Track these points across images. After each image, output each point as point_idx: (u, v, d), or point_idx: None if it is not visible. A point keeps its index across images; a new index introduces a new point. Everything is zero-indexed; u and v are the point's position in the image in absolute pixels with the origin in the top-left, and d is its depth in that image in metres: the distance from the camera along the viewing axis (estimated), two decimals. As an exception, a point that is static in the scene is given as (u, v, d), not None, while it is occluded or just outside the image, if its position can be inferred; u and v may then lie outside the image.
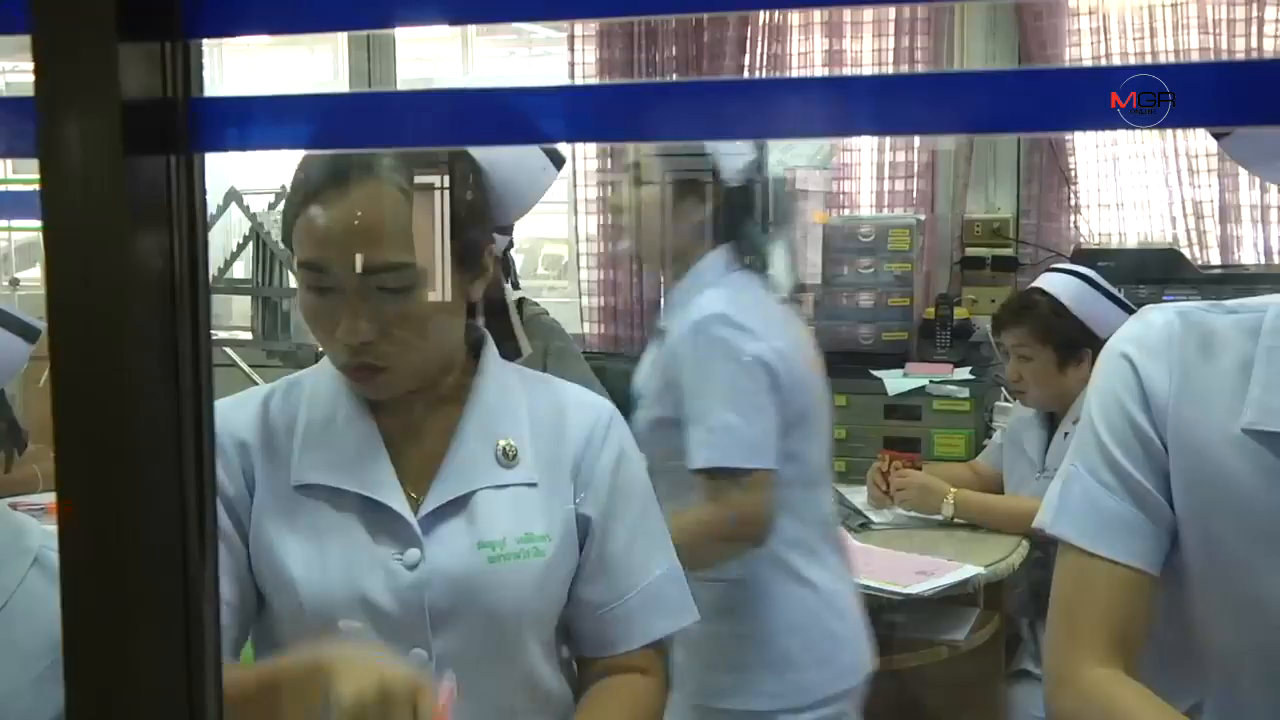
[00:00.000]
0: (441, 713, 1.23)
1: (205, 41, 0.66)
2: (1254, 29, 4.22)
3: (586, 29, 4.86)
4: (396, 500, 1.46)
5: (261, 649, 1.57)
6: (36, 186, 0.63)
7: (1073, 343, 3.10)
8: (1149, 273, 4.02)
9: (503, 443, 1.51)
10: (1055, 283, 3.21)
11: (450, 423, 1.51)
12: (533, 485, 1.50)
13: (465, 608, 1.45)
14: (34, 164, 0.63)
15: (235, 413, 1.53)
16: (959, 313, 4.42)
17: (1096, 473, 1.32)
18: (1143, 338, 1.33)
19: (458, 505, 1.47)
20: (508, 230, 1.64)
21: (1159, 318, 1.34)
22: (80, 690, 0.67)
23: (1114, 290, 3.18)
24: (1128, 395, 1.31)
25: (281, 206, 4.59)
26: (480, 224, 1.51)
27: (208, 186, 0.68)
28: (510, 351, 1.64)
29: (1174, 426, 1.28)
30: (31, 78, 0.63)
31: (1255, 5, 4.19)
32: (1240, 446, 1.24)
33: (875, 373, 4.20)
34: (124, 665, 0.67)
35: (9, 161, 5.03)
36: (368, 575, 1.45)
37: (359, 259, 1.38)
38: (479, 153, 1.47)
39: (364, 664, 1.25)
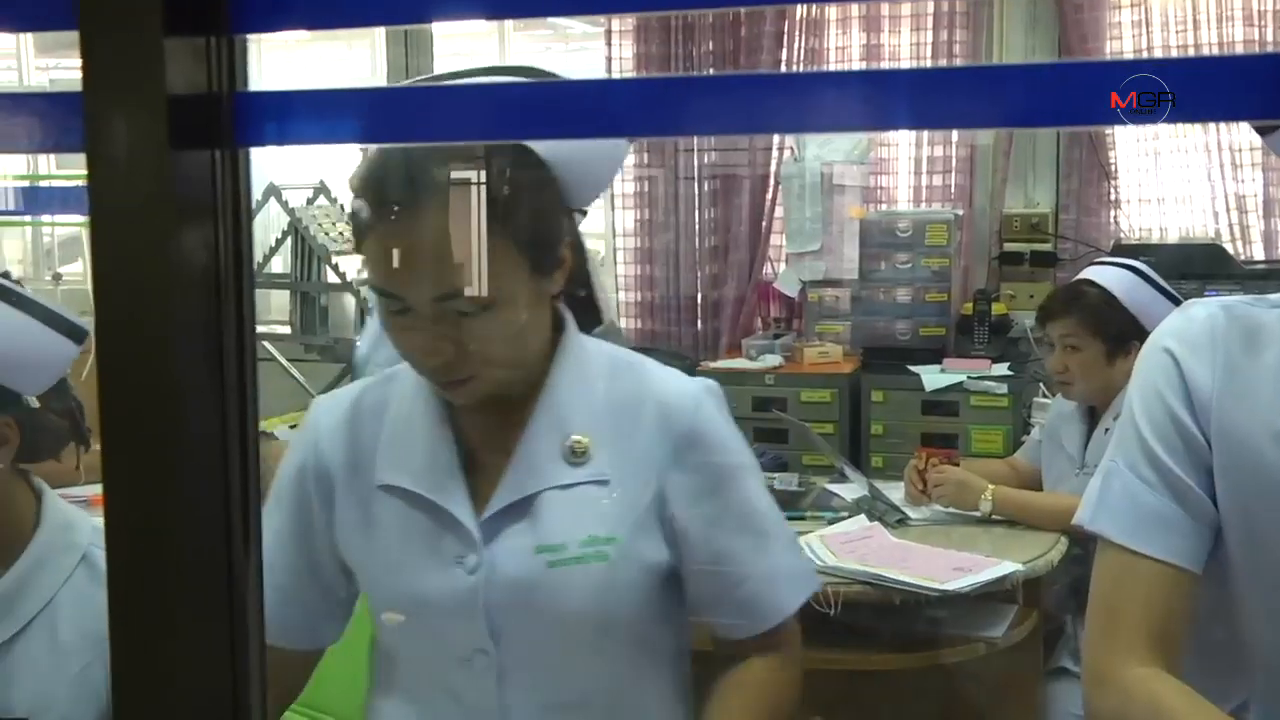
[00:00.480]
0: None
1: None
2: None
3: (623, 24, 4.86)
4: (460, 505, 1.45)
5: (371, 646, 1.61)
6: (79, 182, 0.63)
7: (1122, 334, 3.06)
8: (1191, 268, 3.98)
9: (572, 440, 1.46)
10: (1105, 275, 3.18)
11: (523, 420, 1.47)
12: (603, 483, 1.46)
13: (524, 612, 1.44)
14: (77, 160, 0.63)
15: (328, 415, 1.55)
16: (997, 308, 4.40)
17: (1137, 468, 1.30)
18: (1185, 332, 1.31)
19: (520, 508, 1.44)
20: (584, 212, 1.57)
21: (1202, 312, 1.32)
22: (126, 686, 0.68)
23: (1164, 283, 3.15)
24: (1170, 390, 1.29)
25: (320, 202, 4.62)
26: (553, 222, 1.46)
27: (248, 181, 0.68)
28: (590, 321, 1.59)
29: (1217, 422, 1.26)
30: (75, 74, 0.63)
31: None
32: None
33: (912, 368, 4.19)
34: (168, 662, 0.67)
35: (53, 157, 5.08)
36: (430, 577, 1.45)
37: (427, 286, 1.35)
38: (546, 151, 1.41)
39: None
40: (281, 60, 5.62)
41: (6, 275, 2.81)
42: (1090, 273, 3.24)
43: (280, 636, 1.51)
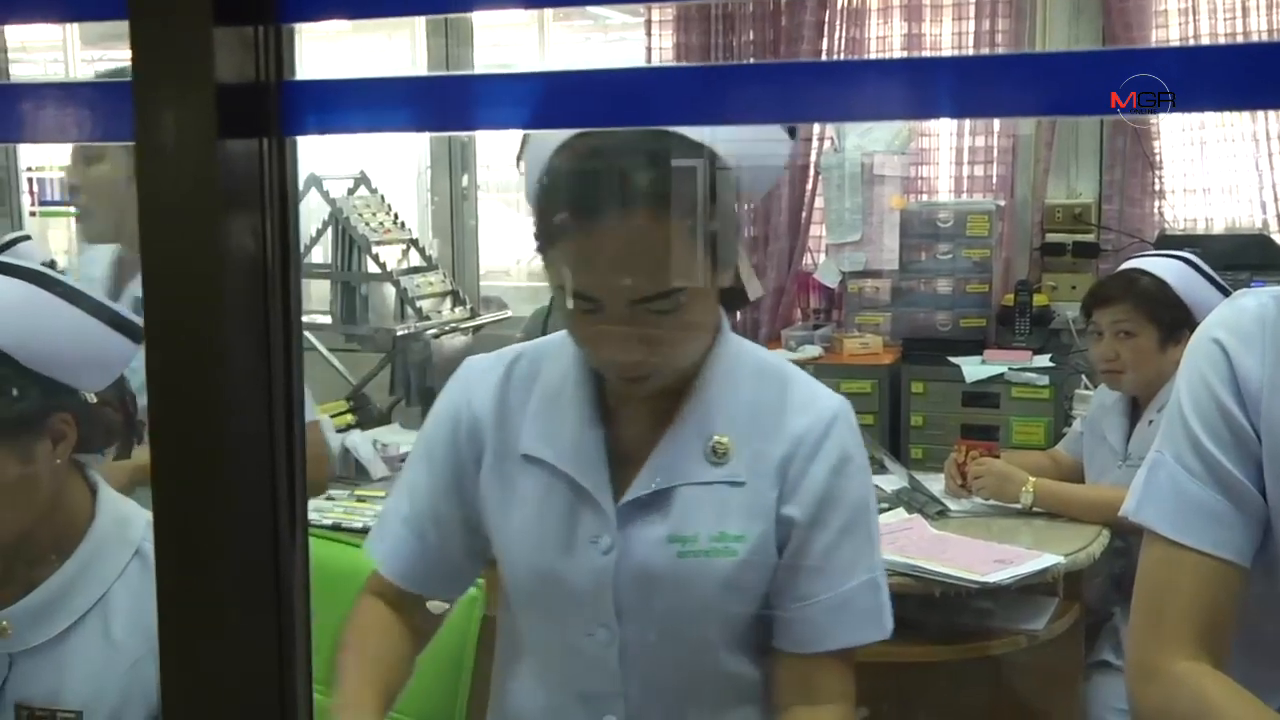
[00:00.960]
0: None
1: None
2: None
3: (663, 14, 4.84)
4: (600, 488, 1.50)
5: (501, 608, 1.66)
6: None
7: (1175, 322, 3.04)
8: (1238, 259, 3.93)
9: (715, 440, 1.50)
10: (1156, 264, 3.15)
11: (669, 412, 1.51)
12: (739, 484, 1.50)
13: (648, 596, 1.49)
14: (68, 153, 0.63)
15: (482, 376, 1.60)
16: (1038, 299, 4.37)
17: (1184, 460, 1.28)
18: (1235, 323, 1.30)
19: (658, 498, 1.49)
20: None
21: (1251, 302, 1.30)
22: (173, 677, 0.68)
23: (1214, 274, 3.12)
24: (1219, 382, 1.28)
25: (360, 192, 4.64)
26: (732, 219, 1.50)
27: (288, 172, 0.68)
28: (738, 299, 1.62)
29: (1267, 414, 1.25)
30: (121, 65, 0.63)
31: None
32: None
33: (953, 359, 4.16)
34: (217, 652, 0.67)
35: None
36: (565, 553, 1.50)
37: (630, 289, 1.38)
38: (721, 146, 1.42)
39: None
40: (322, 51, 5.64)
41: (52, 264, 2.83)
42: (1139, 262, 3.21)
43: (423, 585, 1.62)
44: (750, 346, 1.59)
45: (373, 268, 4.46)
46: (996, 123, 4.54)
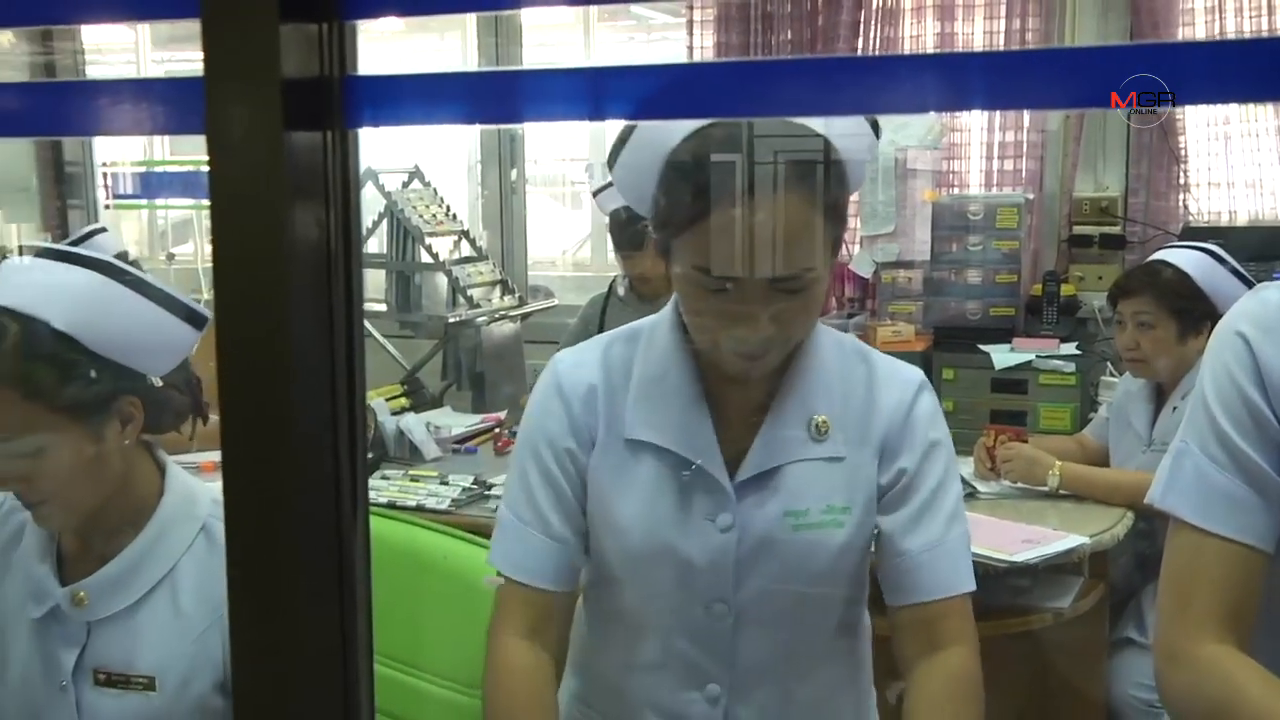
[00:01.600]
0: None
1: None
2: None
3: (704, 14, 4.83)
4: (717, 468, 1.51)
5: (592, 583, 1.65)
6: (189, 169, 0.64)
7: (1195, 313, 3.01)
8: (1261, 250, 3.88)
9: (816, 419, 1.52)
10: (1180, 256, 3.13)
11: (769, 394, 1.53)
12: (840, 459, 1.52)
13: (767, 568, 1.50)
14: (189, 147, 0.64)
15: (581, 363, 1.60)
16: (1065, 289, 4.34)
17: (1208, 449, 1.27)
18: (1259, 315, 1.27)
19: (770, 476, 1.51)
20: None
21: (1275, 295, 1.28)
22: (243, 646, 0.68)
23: (1238, 265, 3.08)
24: (1242, 373, 1.26)
25: (414, 185, 4.65)
26: (846, 204, 1.51)
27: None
28: None
29: None
30: (188, 68, 0.64)
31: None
32: None
33: (982, 347, 4.14)
34: (283, 623, 0.68)
35: (167, 145, 5.16)
36: (683, 532, 1.51)
37: (770, 269, 1.39)
38: (835, 140, 1.43)
39: None
40: (378, 51, 5.66)
41: (124, 255, 2.85)
42: (1164, 254, 3.19)
43: (557, 582, 1.58)
44: (824, 328, 1.60)
45: (426, 258, 4.47)
46: (1026, 118, 4.51)
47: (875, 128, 1.52)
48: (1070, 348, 4.13)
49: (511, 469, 1.64)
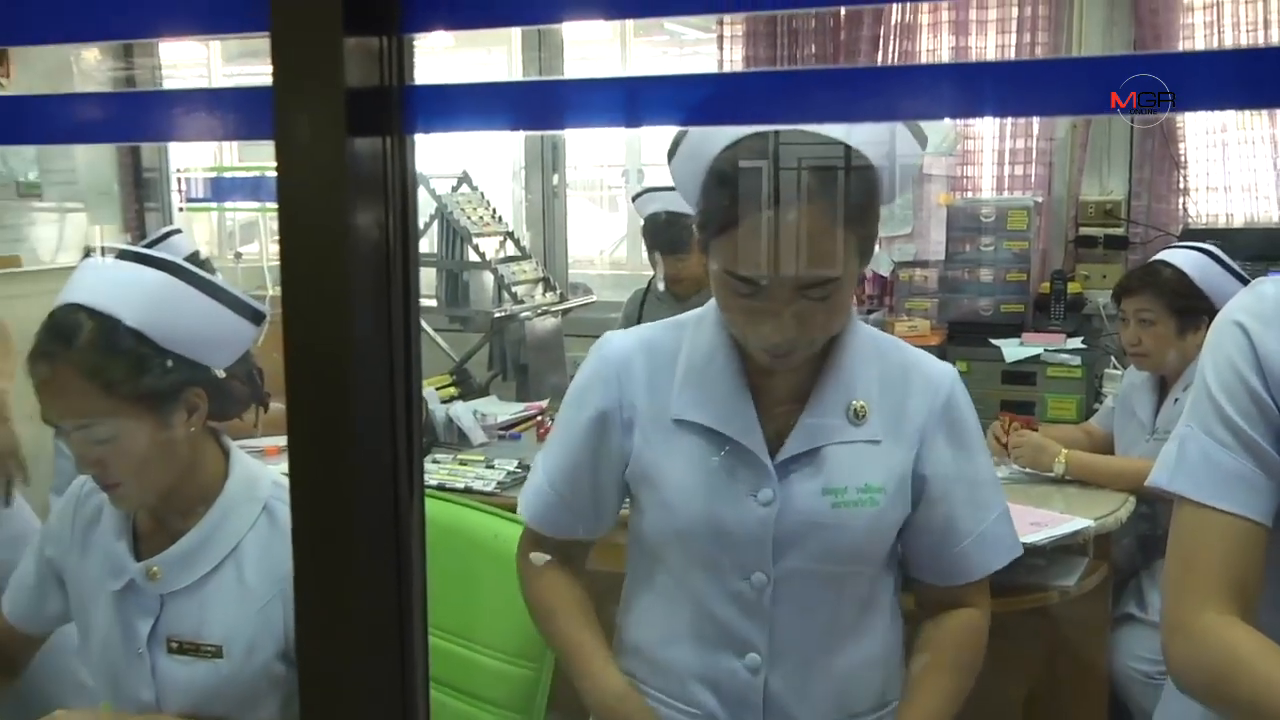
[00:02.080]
0: None
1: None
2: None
3: (733, 30, 4.81)
4: (759, 448, 1.51)
5: (638, 561, 1.67)
6: (255, 174, 0.64)
7: (1193, 310, 2.99)
8: (1257, 251, 3.84)
9: (855, 404, 1.53)
10: (1179, 256, 3.10)
11: (809, 381, 1.53)
12: (876, 442, 1.52)
13: (806, 542, 1.51)
14: (255, 154, 0.64)
15: (626, 343, 1.62)
16: (1072, 287, 4.30)
17: (1212, 431, 1.25)
18: (1256, 307, 1.26)
19: (810, 456, 1.51)
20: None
21: (1271, 289, 1.27)
22: (308, 619, 0.68)
23: (1234, 264, 3.05)
24: (1243, 361, 1.24)
25: (463, 190, 4.65)
26: (876, 215, 1.49)
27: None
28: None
29: None
30: (254, 82, 0.63)
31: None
32: None
33: (994, 341, 4.11)
34: (345, 595, 0.68)
35: (235, 152, 5.19)
36: (726, 507, 1.52)
37: (795, 277, 1.40)
38: (867, 148, 1.42)
39: None
40: (430, 65, 5.67)
41: (196, 255, 2.86)
42: (1165, 254, 3.16)
43: (563, 530, 1.67)
44: (865, 325, 1.60)
45: (473, 257, 4.47)
46: (1035, 126, 4.47)
47: (920, 137, 1.50)
48: (1076, 342, 4.09)
49: (554, 426, 1.69)
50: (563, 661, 1.67)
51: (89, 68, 5.08)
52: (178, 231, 3.75)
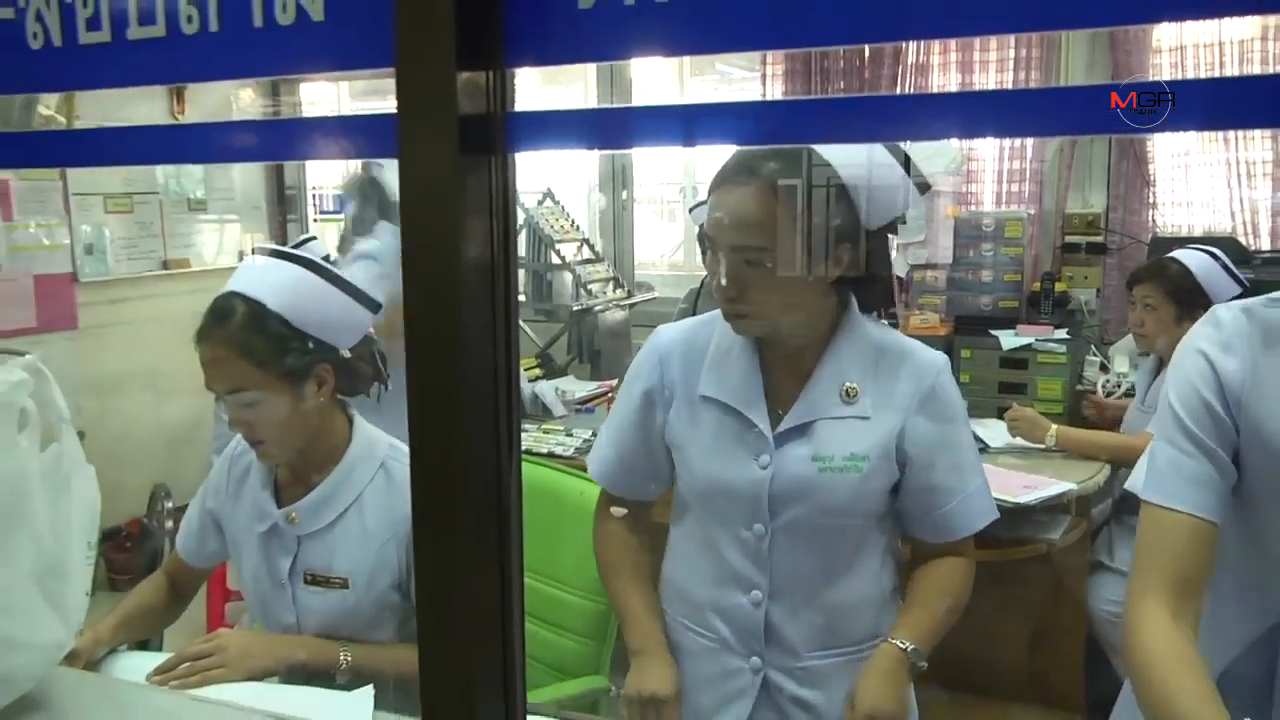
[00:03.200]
0: None
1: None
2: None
3: (774, 70, 4.77)
4: (762, 420, 1.51)
5: (677, 513, 1.66)
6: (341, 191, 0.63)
7: (1192, 302, 2.93)
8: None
9: (847, 385, 1.51)
10: (1188, 255, 3.04)
11: (811, 364, 1.52)
12: (865, 419, 1.50)
13: (797, 500, 1.50)
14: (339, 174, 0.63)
15: (672, 336, 1.62)
16: (1059, 286, 4.24)
17: (1175, 441, 1.19)
18: (1216, 337, 1.19)
19: (804, 428, 1.50)
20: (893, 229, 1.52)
21: (1227, 315, 1.20)
22: (425, 561, 0.68)
23: (1233, 267, 2.99)
24: (1205, 386, 1.18)
25: (547, 203, 4.65)
26: (836, 225, 1.44)
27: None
28: (868, 288, 1.56)
29: (1248, 410, 1.16)
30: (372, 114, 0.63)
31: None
32: None
33: (993, 332, 4.05)
34: (456, 544, 0.67)
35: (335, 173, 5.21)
36: (733, 469, 1.51)
37: (731, 238, 1.42)
38: (842, 169, 1.41)
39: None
40: (520, 98, 5.66)
41: (326, 257, 2.87)
42: (1175, 252, 3.09)
43: (625, 491, 1.68)
44: (868, 322, 1.57)
45: (555, 260, 4.48)
46: (1029, 150, 4.41)
47: (899, 155, 1.47)
48: (1062, 333, 4.03)
49: (614, 402, 1.70)
50: (614, 612, 1.69)
51: (245, 105, 5.14)
52: (313, 238, 3.78)
